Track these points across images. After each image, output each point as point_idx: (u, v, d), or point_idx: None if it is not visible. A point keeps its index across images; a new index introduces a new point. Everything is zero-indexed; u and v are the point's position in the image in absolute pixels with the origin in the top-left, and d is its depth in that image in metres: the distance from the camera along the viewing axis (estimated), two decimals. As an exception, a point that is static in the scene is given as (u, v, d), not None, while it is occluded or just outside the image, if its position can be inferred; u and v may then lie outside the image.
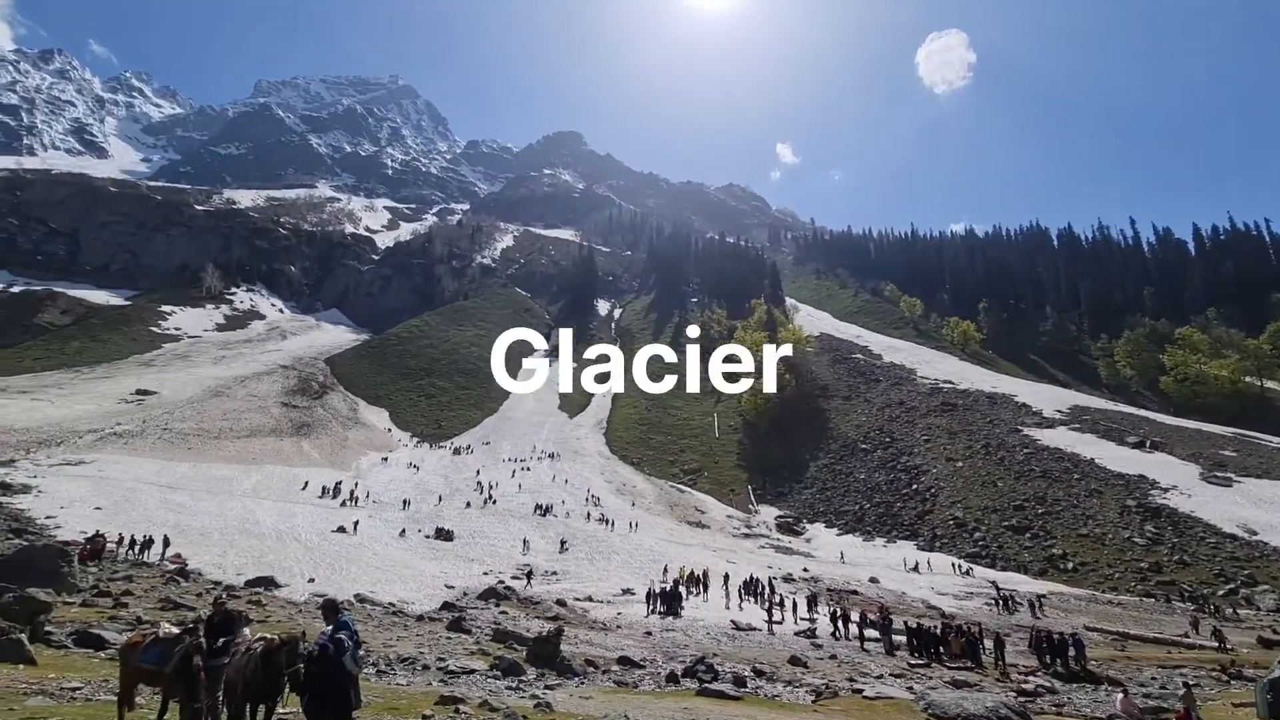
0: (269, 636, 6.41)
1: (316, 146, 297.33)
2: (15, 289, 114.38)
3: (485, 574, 33.67)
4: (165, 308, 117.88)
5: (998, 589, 36.41)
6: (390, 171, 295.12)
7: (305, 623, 17.98)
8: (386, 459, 70.16)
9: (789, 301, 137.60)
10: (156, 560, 27.88)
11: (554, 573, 35.57)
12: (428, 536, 40.79)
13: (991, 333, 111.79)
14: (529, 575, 33.48)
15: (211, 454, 59.66)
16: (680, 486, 70.65)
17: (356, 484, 55.40)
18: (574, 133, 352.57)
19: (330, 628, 6.09)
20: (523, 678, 14.32)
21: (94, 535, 27.29)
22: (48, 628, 12.72)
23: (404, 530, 41.36)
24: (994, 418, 71.45)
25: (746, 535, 56.82)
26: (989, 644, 22.89)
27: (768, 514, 64.46)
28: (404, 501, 51.19)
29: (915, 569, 44.43)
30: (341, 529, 38.63)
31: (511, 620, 23.63)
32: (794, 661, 19.57)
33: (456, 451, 76.00)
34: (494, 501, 54.12)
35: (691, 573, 35.11)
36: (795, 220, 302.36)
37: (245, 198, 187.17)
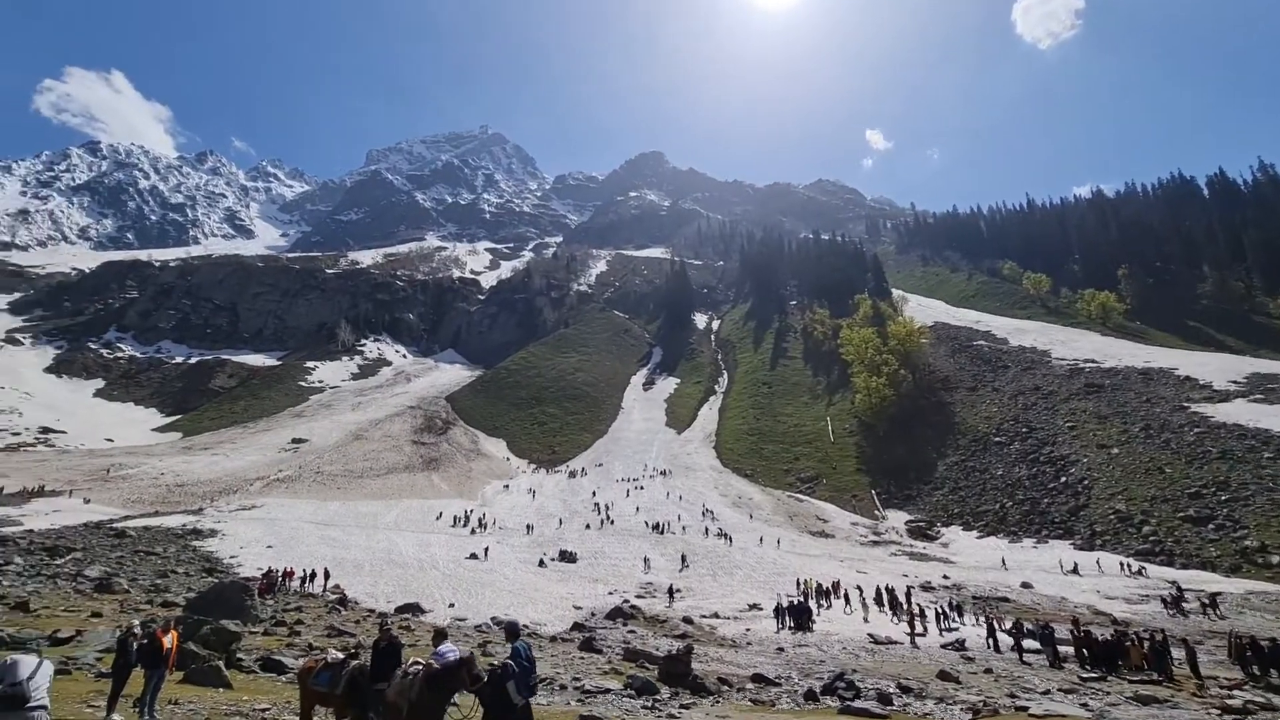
0: (428, 661, 6.78)
1: (422, 202, 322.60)
2: (193, 360, 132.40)
3: (610, 594, 34.19)
4: (309, 363, 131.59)
5: (1179, 590, 31.97)
6: (488, 215, 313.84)
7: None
8: (508, 486, 73.57)
9: (895, 293, 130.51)
10: (319, 591, 30.78)
11: (677, 590, 35.48)
12: (552, 559, 42.15)
13: (1136, 302, 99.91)
14: (671, 593, 33.62)
15: (356, 492, 65.38)
16: (798, 496, 68.45)
17: (484, 512, 58.48)
18: (655, 153, 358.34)
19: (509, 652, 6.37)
20: (657, 697, 14.32)
21: (267, 571, 30.63)
22: (239, 655, 14.35)
23: (542, 560, 43.01)
24: (1151, 396, 63.44)
25: (875, 543, 53.92)
26: (1179, 652, 20.08)
27: (896, 519, 60.85)
28: (527, 526, 53.30)
29: (1074, 571, 40.04)
30: (474, 555, 40.82)
31: (640, 639, 23.77)
32: (944, 676, 18.17)
33: (572, 475, 78.29)
34: (612, 522, 55.08)
35: (820, 585, 33.75)
36: (893, 208, 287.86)
37: (366, 257, 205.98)
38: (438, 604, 29.78)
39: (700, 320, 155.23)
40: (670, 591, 34.38)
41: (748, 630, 26.87)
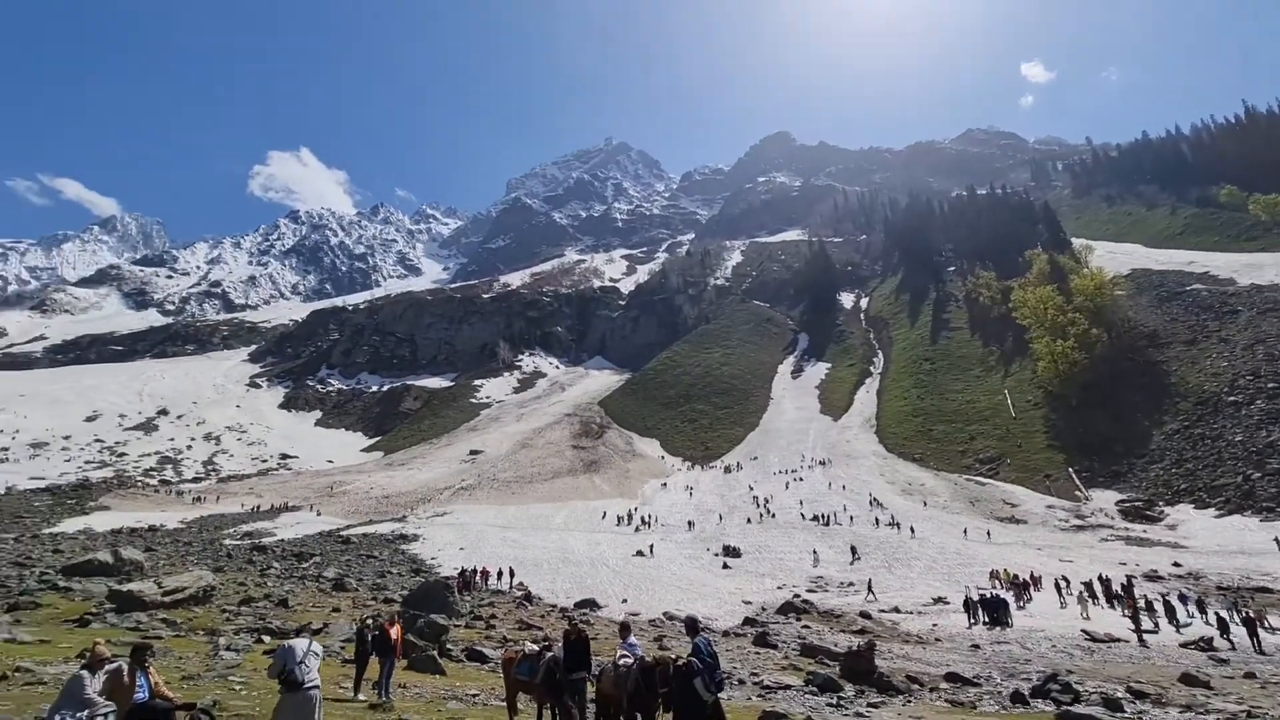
0: (644, 656, 7.03)
1: (559, 220, 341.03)
2: (385, 388, 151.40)
3: (779, 588, 33.59)
4: (476, 381, 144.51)
5: None
6: (620, 223, 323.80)
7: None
8: (665, 484, 75.12)
9: (1076, 243, 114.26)
10: (507, 588, 33.61)
11: (850, 584, 33.97)
12: (716, 554, 42.31)
13: None
14: (872, 591, 32.47)
15: (528, 496, 70.55)
16: (978, 479, 62.42)
17: (645, 511, 60.26)
18: (781, 133, 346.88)
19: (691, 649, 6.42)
20: (841, 694, 13.78)
21: (462, 571, 34.03)
22: (448, 645, 16.09)
23: (713, 549, 43.51)
24: None
25: (1080, 527, 47.59)
26: None
27: (1104, 500, 53.21)
28: (689, 523, 53.99)
29: (1364, 554, 32.33)
30: (640, 553, 42.18)
31: (816, 634, 23.07)
32: (1188, 680, 15.55)
33: (727, 470, 78.08)
34: (773, 515, 54.08)
35: (1016, 576, 30.49)
36: (1064, 146, 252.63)
37: (515, 279, 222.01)
38: (611, 600, 31.16)
39: (846, 300, 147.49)
40: (835, 585, 33.01)
41: (934, 625, 25.00)
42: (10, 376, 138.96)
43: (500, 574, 35.04)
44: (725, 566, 39.32)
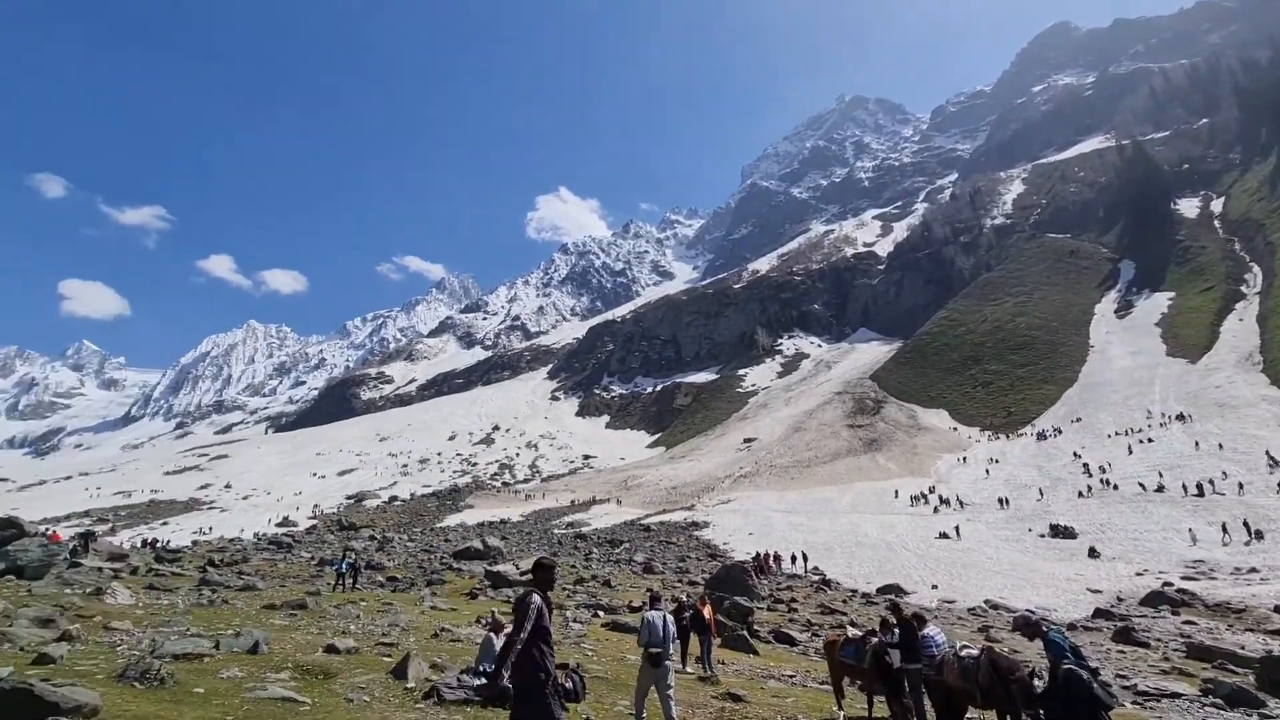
0: (987, 644, 6.52)
1: (799, 195, 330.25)
2: (658, 388, 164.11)
3: (1139, 574, 27.51)
4: (740, 371, 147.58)
5: None
6: (866, 182, 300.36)
7: (943, 628, 18.12)
8: (964, 459, 67.17)
9: None
10: (801, 573, 33.52)
11: (1250, 570, 26.18)
12: (1041, 535, 36.38)
13: None
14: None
15: (808, 480, 69.46)
16: None
17: (943, 489, 54.71)
18: (1057, 25, 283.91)
19: (1054, 653, 5.50)
20: (1262, 710, 10.65)
21: (756, 555, 34.95)
22: (755, 627, 16.64)
23: (1036, 528, 38.05)
24: None
25: None
26: None
27: None
28: (1000, 500, 47.41)
29: None
30: (944, 535, 38.38)
31: (1207, 633, 18.30)
32: None
33: (1041, 436, 66.73)
34: (1114, 486, 44.50)
35: None
36: None
37: (763, 264, 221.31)
38: (918, 585, 28.95)
39: (1187, 208, 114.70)
40: (1224, 571, 25.65)
41: None
42: (399, 412, 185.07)
43: (793, 558, 35.12)
44: (1056, 549, 33.57)
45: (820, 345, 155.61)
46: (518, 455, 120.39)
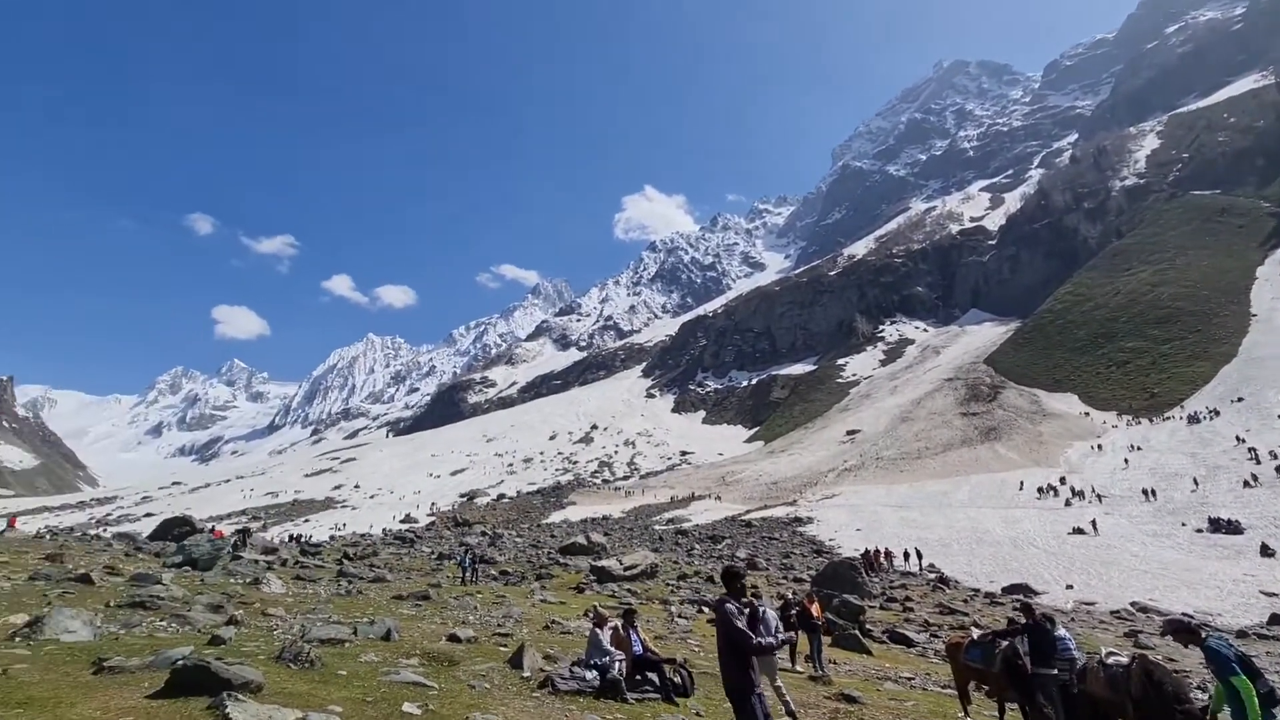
0: (1139, 653, 5.93)
1: (895, 173, 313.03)
2: (754, 381, 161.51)
3: (1329, 576, 23.83)
4: (840, 361, 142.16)
5: None
6: (971, 152, 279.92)
7: (1083, 632, 16.61)
8: (1099, 446, 61.04)
9: None
10: (916, 570, 31.82)
11: None
12: (1198, 530, 32.38)
13: None
14: None
15: (919, 472, 65.74)
16: None
17: (1076, 479, 50.02)
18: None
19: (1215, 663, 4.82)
20: None
21: (865, 551, 33.58)
22: (867, 626, 16.00)
23: (1192, 523, 34.15)
24: None
25: None
26: None
27: None
28: (1144, 491, 42.65)
29: None
30: (1078, 530, 35.08)
31: None
32: None
33: (1193, 419, 59.41)
34: (1291, 474, 38.81)
35: None
36: None
37: (860, 248, 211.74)
38: (1050, 584, 26.69)
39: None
40: None
41: None
42: (503, 413, 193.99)
43: (905, 555, 33.44)
44: (1218, 546, 29.77)
45: (926, 330, 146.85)
46: (616, 453, 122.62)
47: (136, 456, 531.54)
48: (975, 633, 7.83)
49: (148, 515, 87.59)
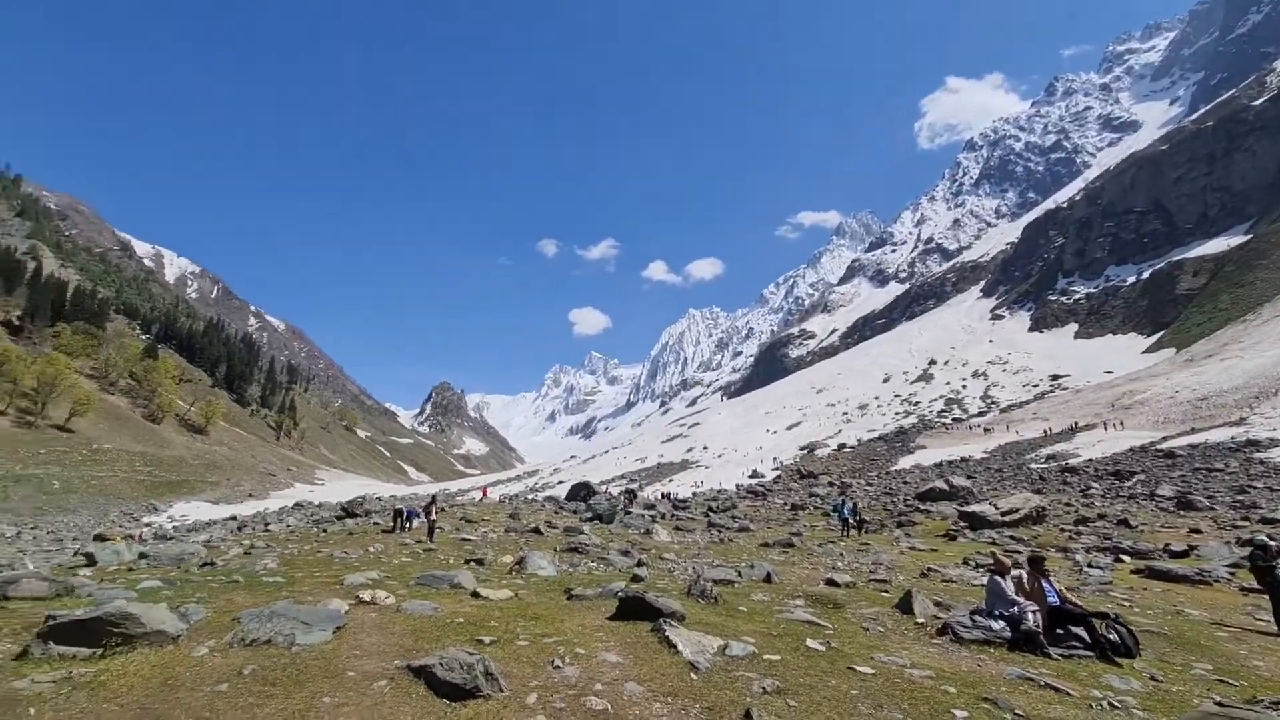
0: None
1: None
2: (1145, 275, 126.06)
3: None
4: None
5: None
6: None
7: None
8: None
9: None
10: None
11: None
12: None
13: None
14: None
15: None
16: None
17: None
18: None
19: None
20: None
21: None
22: None
23: None
24: None
25: None
26: None
27: None
28: None
29: None
30: None
31: None
32: None
33: None
34: None
35: None
36: None
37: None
38: None
39: None
40: None
41: None
42: (828, 363, 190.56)
43: None
44: None
45: None
46: (964, 387, 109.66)
47: (542, 439, 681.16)
48: None
49: (560, 482, 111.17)
